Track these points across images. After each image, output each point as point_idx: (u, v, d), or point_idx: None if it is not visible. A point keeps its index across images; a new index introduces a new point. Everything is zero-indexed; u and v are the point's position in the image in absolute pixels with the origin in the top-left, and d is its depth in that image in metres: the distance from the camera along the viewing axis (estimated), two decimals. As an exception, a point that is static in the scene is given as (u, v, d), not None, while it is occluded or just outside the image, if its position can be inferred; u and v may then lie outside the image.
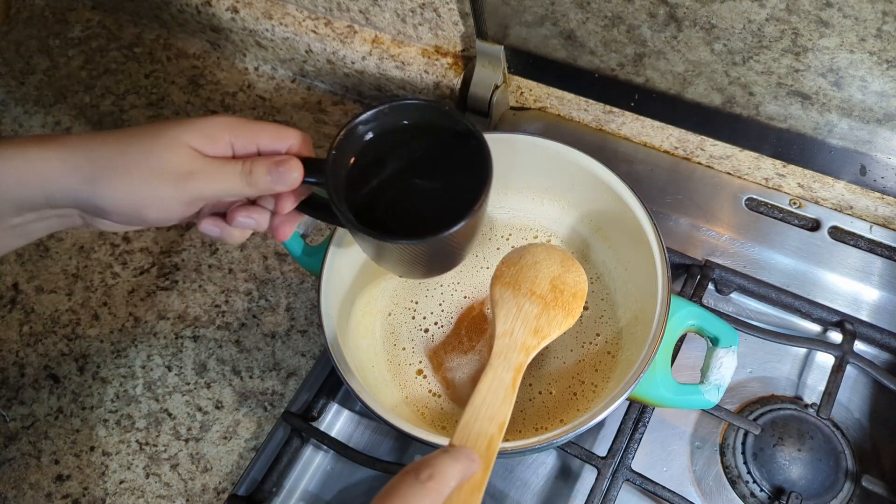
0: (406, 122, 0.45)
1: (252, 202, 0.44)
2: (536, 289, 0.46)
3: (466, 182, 0.44)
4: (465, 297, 0.63)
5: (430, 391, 0.59)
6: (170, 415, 0.66)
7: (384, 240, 0.41)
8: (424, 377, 0.60)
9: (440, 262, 0.47)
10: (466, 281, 0.64)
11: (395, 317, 0.63)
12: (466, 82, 0.77)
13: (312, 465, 0.62)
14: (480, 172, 0.43)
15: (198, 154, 0.39)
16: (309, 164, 0.42)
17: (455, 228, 0.41)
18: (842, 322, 0.62)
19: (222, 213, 0.44)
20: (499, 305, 0.45)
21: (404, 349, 0.61)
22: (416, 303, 0.63)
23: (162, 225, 0.42)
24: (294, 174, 0.41)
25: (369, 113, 0.44)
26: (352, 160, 0.45)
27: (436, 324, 0.62)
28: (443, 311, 0.63)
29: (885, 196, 0.68)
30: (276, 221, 0.44)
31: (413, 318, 0.63)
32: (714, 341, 0.52)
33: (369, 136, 0.45)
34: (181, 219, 0.42)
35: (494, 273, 0.49)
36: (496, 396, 0.40)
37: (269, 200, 0.44)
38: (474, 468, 0.37)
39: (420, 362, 0.61)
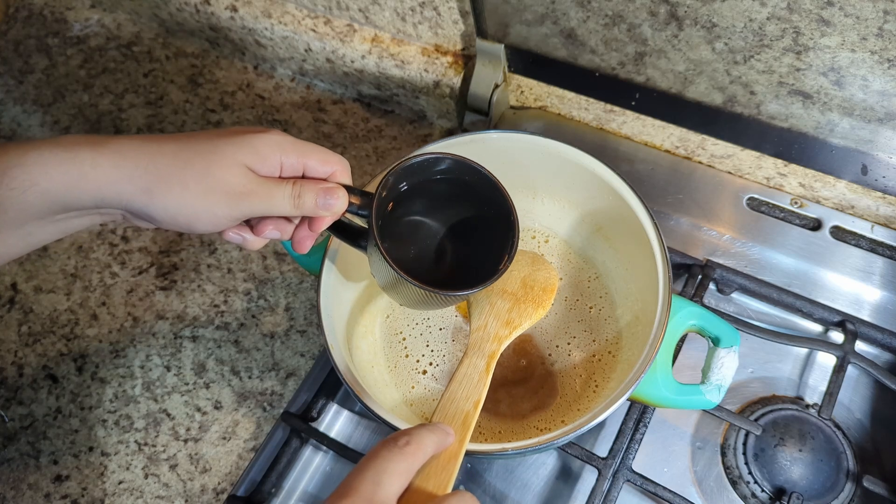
0: (449, 176, 0.48)
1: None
2: (508, 287, 0.50)
3: (488, 242, 0.48)
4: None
5: (428, 390, 0.59)
6: (169, 415, 0.66)
7: (412, 283, 0.44)
8: (424, 376, 0.60)
9: (444, 305, 0.51)
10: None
11: (395, 317, 0.63)
12: (466, 81, 0.77)
13: (312, 466, 0.62)
14: (504, 240, 0.47)
15: (251, 174, 0.41)
16: (352, 194, 0.44)
17: (474, 290, 0.45)
18: (843, 322, 0.62)
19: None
20: (473, 305, 0.49)
21: (404, 349, 0.61)
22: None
23: (206, 233, 0.43)
24: (340, 202, 0.43)
25: (417, 161, 0.46)
26: (391, 202, 0.47)
27: (435, 323, 0.62)
28: (441, 311, 0.63)
29: (886, 195, 0.68)
30: (300, 236, 0.46)
31: (413, 318, 0.62)
32: (715, 341, 0.52)
33: (411, 181, 0.47)
34: (224, 228, 0.43)
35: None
36: (471, 380, 0.44)
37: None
38: (449, 440, 0.40)
39: (418, 362, 0.60)
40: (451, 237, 0.52)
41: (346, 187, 0.44)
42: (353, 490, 0.35)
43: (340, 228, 0.48)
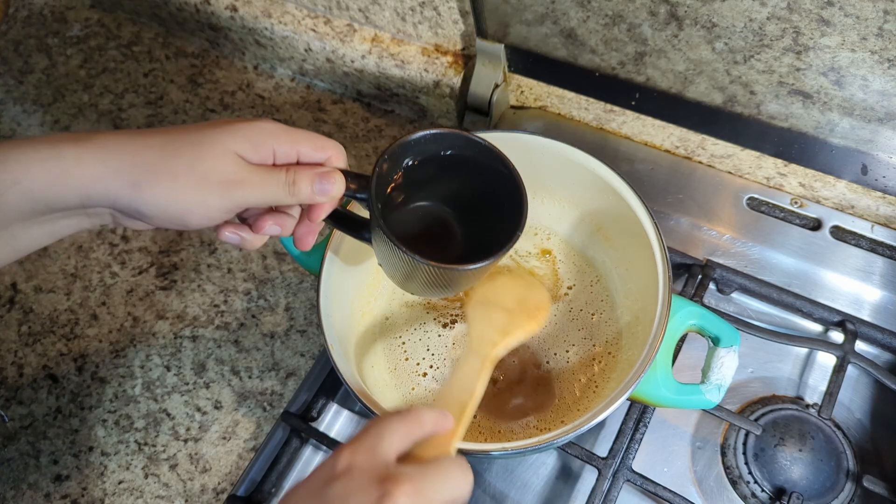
0: (449, 153, 0.46)
1: (277, 209, 0.44)
2: (503, 303, 0.52)
3: (496, 216, 0.47)
4: (463, 294, 0.63)
5: (428, 391, 0.59)
6: (169, 415, 0.66)
7: (421, 261, 0.42)
8: (424, 378, 0.60)
9: (451, 287, 0.50)
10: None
11: (394, 320, 0.63)
12: (466, 81, 0.77)
13: (312, 466, 0.62)
14: (512, 217, 0.46)
15: (243, 162, 0.40)
16: (349, 178, 0.43)
17: (482, 264, 0.44)
18: (843, 322, 0.62)
19: (241, 219, 0.45)
20: (471, 318, 0.51)
21: (403, 352, 0.61)
22: (420, 300, 0.63)
23: (200, 228, 0.42)
24: (337, 186, 0.42)
25: (414, 137, 0.44)
26: (391, 182, 0.46)
27: (434, 329, 0.62)
28: (438, 315, 0.63)
29: (886, 195, 0.68)
30: (302, 231, 0.45)
31: (411, 322, 0.62)
32: (715, 341, 0.52)
33: (410, 160, 0.46)
34: (219, 222, 0.42)
35: (470, 298, 0.53)
36: (468, 377, 0.46)
37: (295, 207, 0.45)
38: (447, 423, 0.41)
39: (418, 365, 0.60)
40: (457, 216, 0.51)
41: (343, 171, 0.43)
42: (358, 440, 0.38)
43: (341, 219, 0.47)
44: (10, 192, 0.36)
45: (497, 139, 0.57)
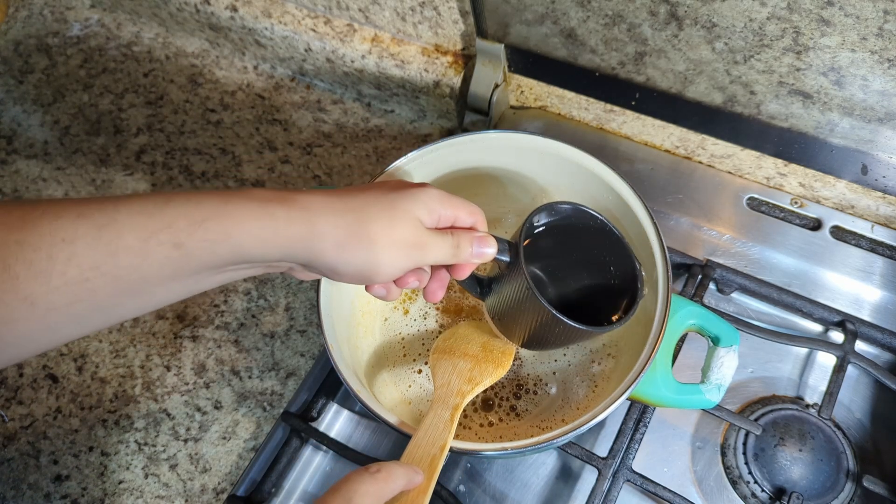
0: (575, 224, 0.50)
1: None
2: (468, 351, 0.53)
3: (604, 293, 0.51)
4: (461, 293, 0.63)
5: (423, 390, 0.59)
6: (168, 415, 0.66)
7: (565, 321, 0.45)
8: (419, 376, 0.60)
9: (556, 344, 0.52)
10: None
11: (393, 319, 0.63)
12: (466, 81, 0.77)
13: (312, 466, 0.62)
14: (627, 291, 0.49)
15: (422, 226, 0.43)
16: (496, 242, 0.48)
17: (604, 329, 0.47)
18: (843, 322, 0.62)
19: None
20: (436, 368, 0.52)
21: (402, 349, 0.61)
22: (417, 301, 0.63)
23: (375, 284, 0.45)
24: (492, 249, 0.46)
25: (548, 212, 0.49)
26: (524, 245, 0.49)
27: (436, 322, 0.62)
28: (438, 311, 0.63)
29: (886, 195, 0.68)
30: (434, 286, 0.48)
31: (411, 319, 0.62)
32: (715, 341, 0.52)
33: (542, 227, 0.50)
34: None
35: (433, 348, 0.54)
36: (436, 428, 0.46)
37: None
38: (418, 479, 0.42)
39: (415, 362, 0.60)
40: (567, 282, 0.54)
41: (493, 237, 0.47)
42: (326, 502, 0.39)
43: (469, 278, 0.50)
44: (221, 245, 0.37)
45: (497, 139, 0.57)
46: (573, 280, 0.54)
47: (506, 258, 0.47)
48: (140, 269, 0.35)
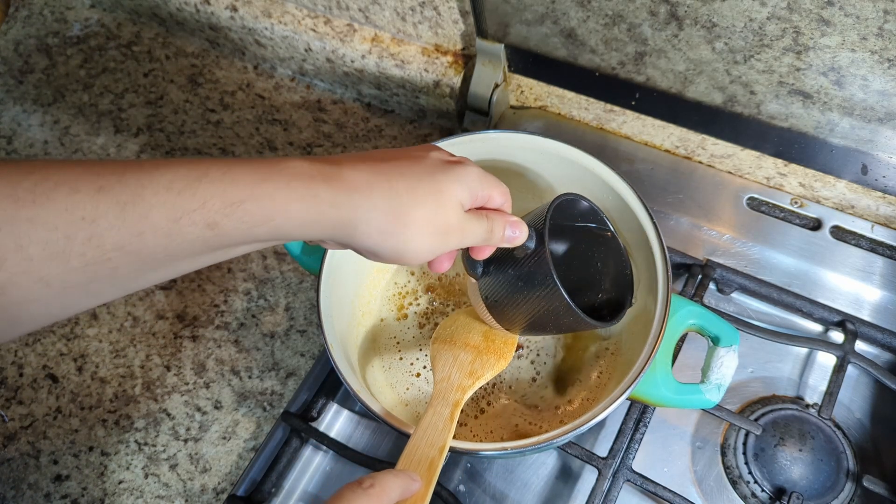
0: (582, 226, 0.51)
1: None
2: (470, 340, 0.52)
3: (605, 283, 0.52)
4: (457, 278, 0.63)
5: (422, 392, 0.59)
6: (168, 415, 0.66)
7: (576, 311, 0.45)
8: (418, 379, 0.60)
9: (556, 330, 0.53)
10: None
11: (389, 322, 0.63)
12: (466, 81, 0.77)
13: (312, 466, 0.62)
14: (622, 289, 0.50)
15: (462, 210, 0.43)
16: None
17: (608, 323, 0.47)
18: (843, 322, 0.62)
19: None
20: (436, 359, 0.51)
21: (398, 352, 0.61)
22: (413, 303, 0.63)
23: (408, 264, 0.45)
24: (523, 236, 0.46)
25: (569, 205, 0.49)
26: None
27: (435, 323, 0.62)
28: (437, 313, 0.63)
29: (886, 195, 0.68)
30: (443, 257, 0.47)
31: (405, 322, 0.62)
32: (715, 340, 0.52)
33: (561, 218, 0.51)
34: None
35: (433, 336, 0.53)
36: (436, 428, 0.45)
37: None
38: (415, 487, 0.40)
39: (412, 365, 0.60)
40: (567, 273, 0.54)
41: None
42: None
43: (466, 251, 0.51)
44: (260, 227, 0.35)
45: (497, 139, 0.57)
46: (572, 272, 0.54)
47: (532, 245, 0.46)
48: (168, 249, 0.33)
